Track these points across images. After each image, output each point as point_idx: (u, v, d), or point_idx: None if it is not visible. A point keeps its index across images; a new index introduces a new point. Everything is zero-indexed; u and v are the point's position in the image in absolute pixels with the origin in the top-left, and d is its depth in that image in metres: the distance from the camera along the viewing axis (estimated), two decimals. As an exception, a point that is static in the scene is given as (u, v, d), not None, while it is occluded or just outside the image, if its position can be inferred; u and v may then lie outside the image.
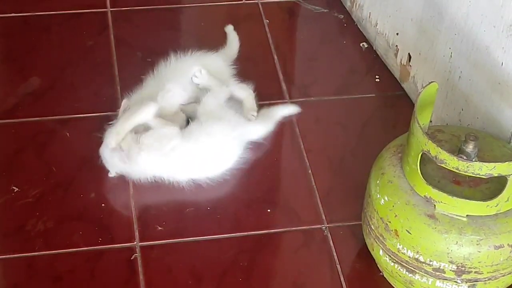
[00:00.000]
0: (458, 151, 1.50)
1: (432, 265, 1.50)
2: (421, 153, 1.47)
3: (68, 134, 1.88)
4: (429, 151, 1.45)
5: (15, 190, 1.76)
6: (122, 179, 1.79)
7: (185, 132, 1.78)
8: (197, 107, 1.83)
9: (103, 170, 1.81)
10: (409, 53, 1.97)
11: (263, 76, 2.06)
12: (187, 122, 1.85)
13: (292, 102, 1.99)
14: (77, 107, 1.94)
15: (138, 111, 1.76)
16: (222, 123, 1.78)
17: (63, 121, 1.91)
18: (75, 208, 1.74)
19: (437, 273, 1.51)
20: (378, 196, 1.55)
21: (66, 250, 1.66)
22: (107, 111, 1.92)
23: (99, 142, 1.80)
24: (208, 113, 1.80)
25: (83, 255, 1.66)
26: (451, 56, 1.78)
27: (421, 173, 1.49)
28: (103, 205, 1.75)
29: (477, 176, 1.43)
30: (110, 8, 2.20)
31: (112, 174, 1.79)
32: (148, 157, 1.74)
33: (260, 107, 1.93)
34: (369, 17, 2.12)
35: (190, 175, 1.77)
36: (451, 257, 1.48)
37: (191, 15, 2.24)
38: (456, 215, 1.48)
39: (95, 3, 2.21)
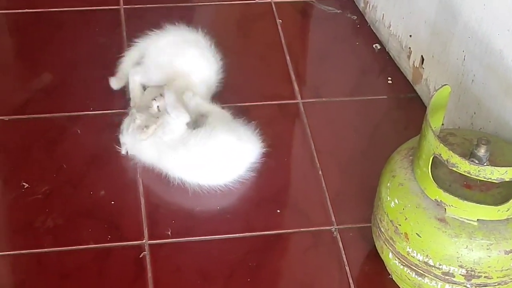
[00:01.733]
0: (470, 155, 1.49)
1: (441, 269, 1.49)
2: (432, 156, 1.46)
3: (79, 131, 1.88)
4: (440, 154, 1.44)
5: (25, 186, 1.76)
6: (133, 177, 1.79)
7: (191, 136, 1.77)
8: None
9: (113, 168, 1.81)
10: (422, 55, 1.96)
11: (275, 76, 2.05)
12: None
13: (303, 103, 1.99)
14: (88, 104, 1.94)
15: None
16: (231, 133, 1.77)
17: (74, 118, 1.91)
18: (85, 205, 1.74)
19: (447, 277, 1.50)
20: (389, 198, 1.54)
21: (75, 247, 1.66)
22: (118, 108, 1.92)
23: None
24: (217, 122, 1.79)
25: (92, 252, 1.66)
26: (464, 59, 1.77)
27: (432, 177, 1.48)
28: (112, 202, 1.75)
29: (489, 180, 1.43)
30: (123, 5, 2.20)
31: (123, 151, 1.82)
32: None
33: (271, 107, 1.93)
34: (382, 18, 2.11)
35: (191, 178, 1.76)
36: (461, 261, 1.47)
37: (203, 13, 2.23)
38: (467, 219, 1.47)
39: (108, 0, 2.21)
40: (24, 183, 1.76)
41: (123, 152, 1.81)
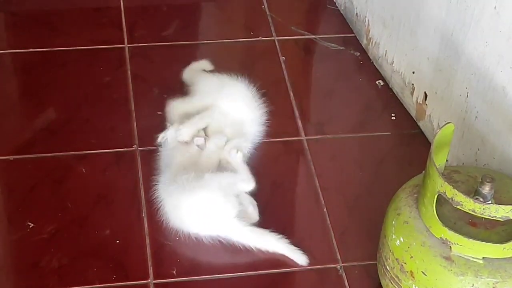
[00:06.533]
0: (475, 193, 1.49)
1: (447, 307, 1.49)
2: (437, 194, 1.46)
3: (84, 170, 1.88)
4: (445, 193, 1.44)
5: (30, 226, 1.76)
6: (137, 216, 1.79)
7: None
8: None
9: (118, 206, 1.81)
10: (425, 92, 1.97)
11: (279, 113, 2.06)
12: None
13: (307, 139, 1.99)
14: (93, 143, 1.94)
15: None
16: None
17: (79, 156, 1.91)
18: (90, 244, 1.74)
19: (453, 315, 1.49)
20: (394, 236, 1.54)
21: (80, 287, 1.66)
22: (123, 147, 1.93)
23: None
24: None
25: (97, 292, 1.66)
26: (467, 95, 1.78)
27: (437, 214, 1.48)
28: (117, 241, 1.75)
29: (494, 218, 1.42)
30: (128, 44, 2.21)
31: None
32: None
33: (275, 144, 1.94)
34: (385, 55, 2.12)
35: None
36: (467, 300, 1.47)
37: (207, 51, 2.25)
38: (472, 257, 1.46)
39: (113, 39, 2.22)
40: (29, 223, 1.76)
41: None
